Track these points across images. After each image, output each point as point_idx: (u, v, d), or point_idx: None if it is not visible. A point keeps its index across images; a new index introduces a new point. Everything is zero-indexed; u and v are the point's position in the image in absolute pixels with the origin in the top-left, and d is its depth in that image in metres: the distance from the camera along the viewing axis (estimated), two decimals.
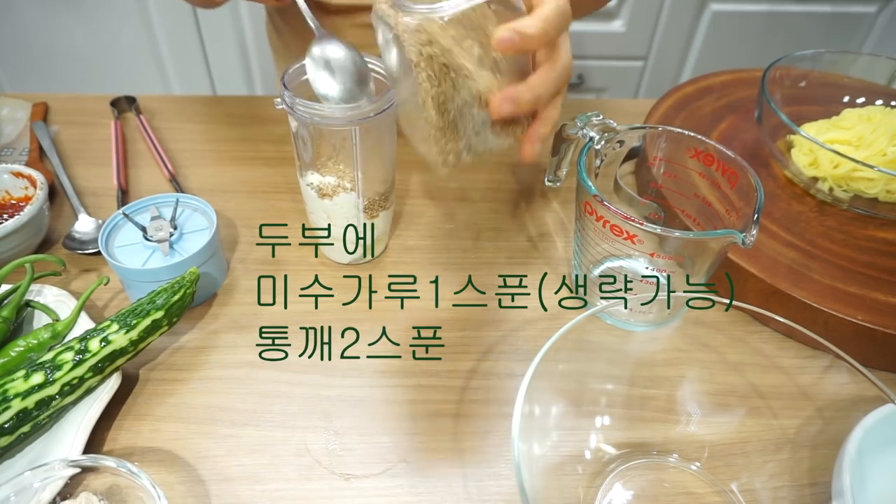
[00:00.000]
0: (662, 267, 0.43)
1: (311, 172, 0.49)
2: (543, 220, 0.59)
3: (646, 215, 0.53)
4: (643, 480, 0.40)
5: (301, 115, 0.43)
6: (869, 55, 0.67)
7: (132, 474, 0.33)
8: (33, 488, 0.33)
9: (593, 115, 0.47)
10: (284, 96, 0.44)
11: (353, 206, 0.49)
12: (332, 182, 0.48)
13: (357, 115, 0.43)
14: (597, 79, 1.51)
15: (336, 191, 0.48)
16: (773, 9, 1.41)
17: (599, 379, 0.43)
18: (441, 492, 0.39)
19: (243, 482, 0.39)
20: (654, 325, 0.46)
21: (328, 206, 0.49)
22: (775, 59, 0.64)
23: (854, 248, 0.52)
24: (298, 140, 0.47)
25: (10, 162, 0.64)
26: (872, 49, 1.48)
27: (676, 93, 0.70)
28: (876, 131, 0.56)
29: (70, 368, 0.39)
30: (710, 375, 0.42)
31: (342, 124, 0.44)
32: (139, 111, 0.71)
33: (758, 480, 0.39)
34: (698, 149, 0.46)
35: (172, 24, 1.37)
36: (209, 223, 0.50)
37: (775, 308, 0.47)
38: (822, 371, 0.37)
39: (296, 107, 0.43)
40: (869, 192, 0.55)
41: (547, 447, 0.39)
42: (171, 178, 0.62)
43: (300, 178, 0.50)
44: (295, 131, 0.46)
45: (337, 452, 0.41)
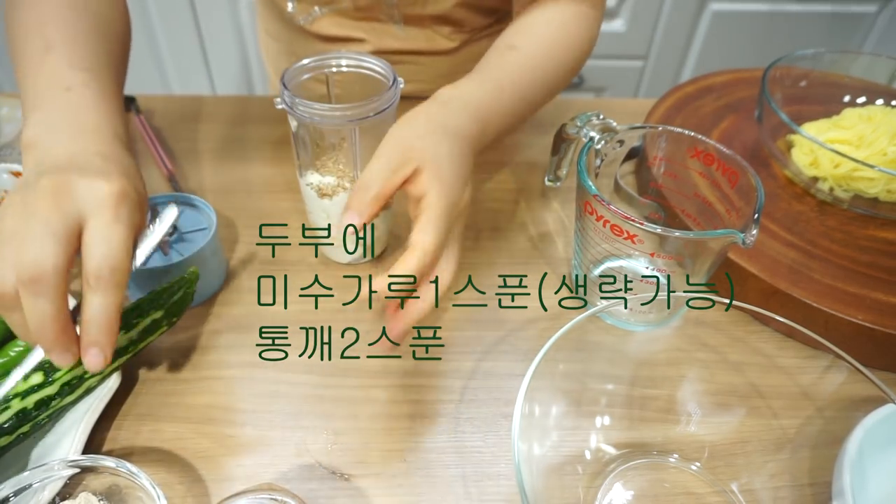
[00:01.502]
0: (662, 267, 0.43)
1: (310, 172, 0.49)
2: (543, 220, 0.59)
3: (646, 215, 0.53)
4: (643, 480, 0.40)
5: (301, 114, 0.43)
6: (869, 55, 0.67)
7: (132, 474, 0.33)
8: (33, 488, 0.33)
9: (593, 115, 0.47)
10: (284, 96, 0.44)
11: None
12: (332, 182, 0.48)
13: (356, 115, 0.43)
14: (597, 78, 1.51)
15: (336, 191, 0.48)
16: (773, 9, 1.40)
17: (599, 379, 0.43)
18: (441, 492, 0.39)
19: (243, 482, 0.39)
20: (654, 325, 0.46)
21: (328, 205, 0.49)
22: (776, 59, 0.63)
23: (854, 248, 0.52)
24: (298, 140, 0.47)
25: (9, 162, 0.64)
26: (872, 49, 1.48)
27: (676, 92, 0.70)
28: (876, 131, 0.56)
29: (69, 368, 0.39)
30: (711, 375, 0.42)
31: (342, 124, 0.44)
32: (139, 111, 0.71)
33: (758, 480, 0.39)
34: (698, 148, 0.46)
35: (172, 24, 1.37)
36: (209, 223, 0.50)
37: (775, 308, 0.47)
38: (822, 371, 0.37)
39: (296, 106, 0.43)
40: (869, 192, 0.54)
41: (547, 447, 0.39)
42: (170, 177, 0.62)
43: (300, 178, 0.50)
44: (295, 131, 0.46)
45: (337, 452, 0.41)
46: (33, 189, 0.34)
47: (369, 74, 0.47)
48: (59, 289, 0.33)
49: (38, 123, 0.40)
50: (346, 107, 0.43)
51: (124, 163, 0.39)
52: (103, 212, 0.34)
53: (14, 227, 0.33)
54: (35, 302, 0.32)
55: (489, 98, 0.46)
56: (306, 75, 0.47)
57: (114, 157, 0.38)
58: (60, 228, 0.33)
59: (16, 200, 0.35)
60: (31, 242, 0.32)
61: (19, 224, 0.33)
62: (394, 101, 0.45)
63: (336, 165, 0.48)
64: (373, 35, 0.68)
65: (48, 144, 0.38)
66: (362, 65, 0.47)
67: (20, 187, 0.35)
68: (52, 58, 0.42)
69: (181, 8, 1.33)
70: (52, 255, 0.32)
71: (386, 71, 0.46)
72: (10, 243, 0.33)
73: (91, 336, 0.34)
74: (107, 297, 0.34)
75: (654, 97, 0.70)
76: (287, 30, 0.72)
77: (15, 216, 0.34)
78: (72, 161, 0.36)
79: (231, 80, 1.47)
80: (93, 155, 0.37)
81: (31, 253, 0.32)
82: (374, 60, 0.47)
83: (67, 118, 0.40)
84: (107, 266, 0.33)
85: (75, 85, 0.41)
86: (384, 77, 0.46)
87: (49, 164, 0.36)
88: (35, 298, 0.32)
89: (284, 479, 0.39)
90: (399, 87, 0.45)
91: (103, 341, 0.34)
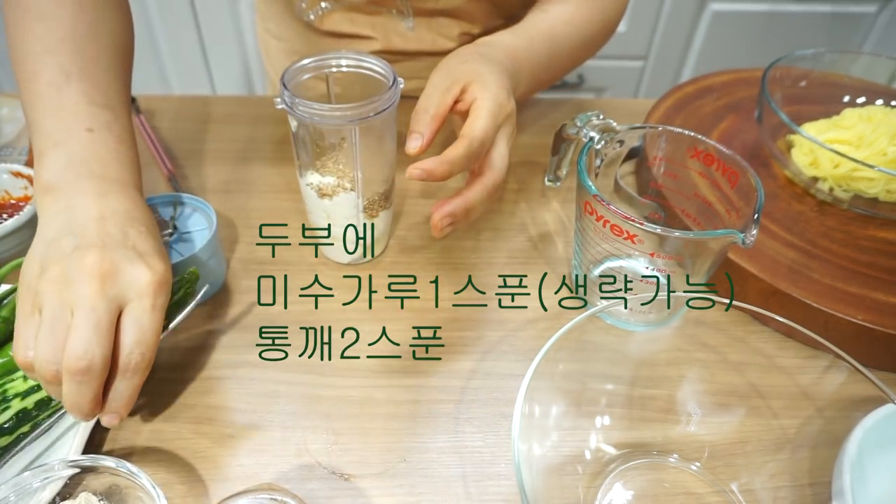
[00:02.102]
0: (662, 267, 0.43)
1: (310, 172, 0.49)
2: (543, 220, 0.59)
3: (646, 215, 0.53)
4: (643, 480, 0.40)
5: (301, 114, 0.43)
6: (869, 55, 0.67)
7: (132, 474, 0.33)
8: (33, 488, 0.33)
9: (593, 115, 0.47)
10: (284, 96, 0.44)
11: (352, 205, 0.49)
12: (332, 182, 0.48)
13: (357, 115, 0.43)
14: (597, 79, 1.51)
15: (336, 191, 0.48)
16: (773, 9, 1.40)
17: (599, 379, 0.43)
18: (441, 492, 0.39)
19: (243, 482, 0.39)
20: (654, 325, 0.46)
21: (328, 206, 0.49)
22: (775, 59, 0.63)
23: (854, 248, 0.52)
24: (298, 140, 0.47)
25: (9, 162, 0.64)
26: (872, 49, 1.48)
27: (676, 93, 0.70)
28: (876, 131, 0.56)
29: None
30: (711, 375, 0.42)
31: (342, 124, 0.44)
32: (139, 111, 0.71)
33: (758, 480, 0.39)
34: (698, 148, 0.46)
35: (172, 24, 1.37)
36: (209, 223, 0.50)
37: (775, 308, 0.47)
38: (822, 371, 0.37)
39: (295, 107, 0.43)
40: (869, 192, 0.55)
41: (547, 447, 0.39)
42: (170, 177, 0.62)
43: (300, 178, 0.50)
44: (295, 131, 0.46)
45: (337, 452, 0.41)
46: (75, 266, 0.35)
47: (369, 74, 0.47)
48: (102, 377, 0.35)
49: (58, 164, 0.40)
50: (347, 107, 0.43)
51: (154, 233, 0.41)
52: (143, 300, 0.36)
53: (59, 308, 0.34)
54: (78, 388, 0.34)
55: (522, 45, 0.52)
56: (306, 75, 0.47)
57: (147, 227, 0.40)
58: (105, 319, 0.34)
59: (55, 275, 0.35)
60: (80, 333, 0.34)
61: (64, 307, 0.34)
62: (394, 100, 0.45)
63: (336, 165, 0.48)
64: (380, 32, 0.68)
65: (72, 194, 0.39)
66: (362, 64, 0.47)
67: (54, 254, 0.36)
68: (71, 90, 0.43)
69: (181, 8, 1.33)
70: (100, 348, 0.34)
71: (386, 71, 0.46)
72: (57, 327, 0.34)
73: (113, 406, 0.36)
74: (133, 379, 0.36)
75: (654, 97, 0.70)
76: (292, 28, 0.72)
77: (59, 294, 0.35)
78: (105, 232, 0.37)
79: (231, 80, 1.47)
80: (125, 224, 0.39)
81: (80, 346, 0.33)
82: (375, 60, 0.47)
83: (91, 166, 0.40)
84: (138, 352, 0.35)
85: (98, 127, 0.42)
86: (384, 77, 0.46)
87: (80, 228, 0.37)
88: (79, 385, 0.34)
89: (284, 479, 0.39)
90: (399, 86, 0.45)
91: (123, 411, 0.37)
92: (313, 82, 0.48)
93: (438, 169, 0.39)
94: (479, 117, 0.41)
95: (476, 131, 0.41)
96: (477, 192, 0.41)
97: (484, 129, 0.41)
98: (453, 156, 0.39)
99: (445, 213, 0.40)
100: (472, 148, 0.40)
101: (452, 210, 0.40)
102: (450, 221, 0.41)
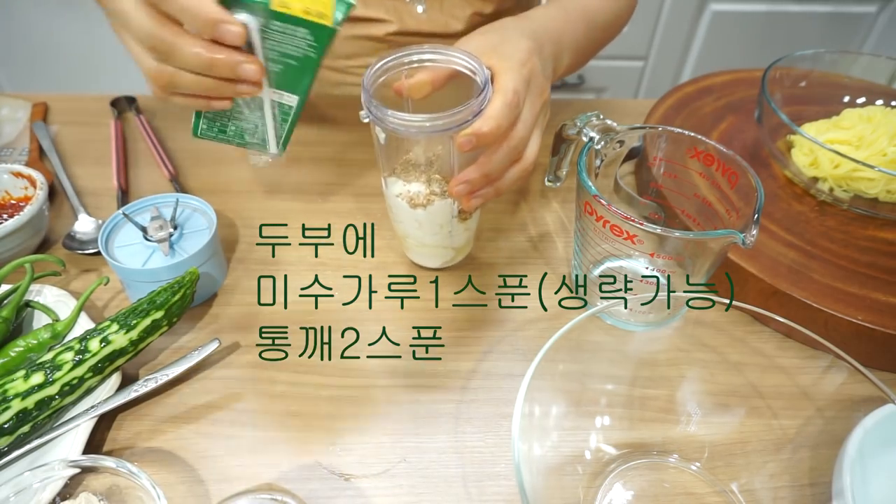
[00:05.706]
0: (662, 267, 0.43)
1: (399, 181, 0.46)
2: (543, 220, 0.59)
3: (646, 215, 0.53)
4: (643, 480, 0.40)
5: (395, 127, 0.40)
6: (869, 55, 0.67)
7: (132, 474, 0.33)
8: (33, 488, 0.33)
9: (593, 115, 0.47)
10: (371, 108, 0.40)
11: (447, 212, 0.47)
12: (423, 191, 0.46)
13: (454, 122, 0.40)
14: (597, 79, 1.51)
15: (430, 199, 0.46)
16: (773, 9, 1.41)
17: (599, 379, 0.43)
18: (441, 492, 0.39)
19: (243, 482, 0.39)
20: (654, 325, 0.46)
21: (420, 215, 0.47)
22: (775, 59, 0.64)
23: (854, 248, 0.52)
24: (388, 150, 0.44)
25: (10, 162, 0.64)
26: (872, 49, 1.48)
27: (676, 93, 0.70)
28: (876, 131, 0.56)
29: (70, 369, 0.39)
30: (711, 375, 0.42)
31: (439, 132, 0.40)
32: (139, 111, 0.71)
33: (758, 480, 0.39)
34: (698, 149, 0.46)
35: None
36: (209, 223, 0.50)
37: (775, 308, 0.47)
38: (822, 371, 0.37)
39: (387, 119, 0.40)
40: (869, 192, 0.55)
41: (547, 447, 0.39)
42: (171, 178, 0.62)
43: (385, 190, 0.47)
44: (383, 143, 0.43)
45: (337, 452, 0.41)
46: None
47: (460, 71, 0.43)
48: None
49: None
50: (443, 115, 0.39)
51: None
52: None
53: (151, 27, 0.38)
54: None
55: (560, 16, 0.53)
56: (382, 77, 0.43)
57: None
58: None
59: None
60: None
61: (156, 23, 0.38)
62: (487, 97, 0.41)
63: (429, 173, 0.46)
64: (394, 15, 0.68)
65: None
66: (452, 60, 0.43)
67: None
68: None
69: None
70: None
71: (476, 66, 0.42)
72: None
73: None
74: None
75: (654, 97, 0.70)
76: None
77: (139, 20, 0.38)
78: None
79: None
80: None
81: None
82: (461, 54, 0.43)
83: None
84: None
85: None
86: (473, 73, 0.42)
87: None
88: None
89: (284, 479, 0.39)
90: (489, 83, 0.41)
91: None
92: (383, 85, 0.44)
93: (485, 126, 0.39)
94: (502, 72, 0.41)
95: (506, 83, 0.40)
96: (496, 158, 0.41)
97: (513, 80, 0.41)
98: (492, 110, 0.39)
99: (460, 179, 0.41)
100: (507, 97, 0.40)
101: (467, 177, 0.41)
102: (468, 189, 0.41)
